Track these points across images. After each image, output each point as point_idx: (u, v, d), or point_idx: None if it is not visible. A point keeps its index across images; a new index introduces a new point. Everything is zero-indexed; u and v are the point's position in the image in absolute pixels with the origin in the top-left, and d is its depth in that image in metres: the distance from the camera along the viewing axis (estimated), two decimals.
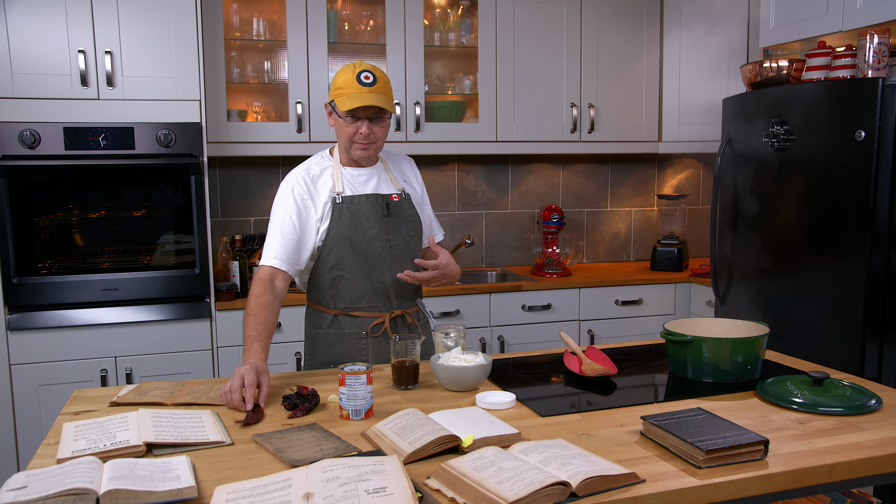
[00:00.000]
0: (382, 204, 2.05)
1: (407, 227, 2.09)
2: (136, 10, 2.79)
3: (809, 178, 2.71)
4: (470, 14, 3.57)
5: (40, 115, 2.72)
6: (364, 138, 1.97)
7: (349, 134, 1.98)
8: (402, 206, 2.09)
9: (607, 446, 1.39)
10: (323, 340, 2.09)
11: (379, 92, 1.94)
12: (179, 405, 1.66)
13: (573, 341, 1.98)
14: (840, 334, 2.59)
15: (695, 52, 3.67)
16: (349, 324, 2.06)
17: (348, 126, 1.96)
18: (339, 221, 2.01)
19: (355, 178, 2.07)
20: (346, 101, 1.92)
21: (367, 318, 2.06)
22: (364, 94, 1.91)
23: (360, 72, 1.93)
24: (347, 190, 2.04)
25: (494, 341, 3.33)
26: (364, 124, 1.95)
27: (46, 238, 2.81)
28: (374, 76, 1.93)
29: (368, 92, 1.92)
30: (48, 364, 2.80)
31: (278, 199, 2.05)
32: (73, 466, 1.20)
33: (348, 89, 1.93)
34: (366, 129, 1.95)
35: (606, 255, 4.14)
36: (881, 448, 1.37)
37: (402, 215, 2.09)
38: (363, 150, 2.00)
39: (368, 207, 2.03)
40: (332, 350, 2.07)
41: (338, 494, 1.12)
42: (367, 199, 2.04)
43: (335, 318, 2.06)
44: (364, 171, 2.08)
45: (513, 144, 3.56)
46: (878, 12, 2.64)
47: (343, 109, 1.92)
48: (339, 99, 1.94)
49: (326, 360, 2.08)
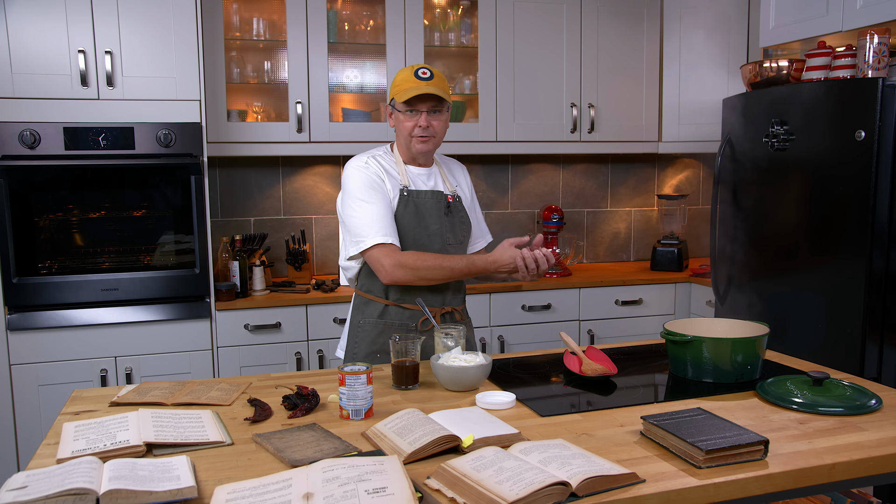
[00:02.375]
0: (444, 202, 2.10)
1: (462, 227, 2.15)
2: (136, 10, 2.79)
3: (809, 178, 2.71)
4: (470, 14, 3.57)
5: (40, 115, 2.72)
6: (423, 131, 2.02)
7: (409, 128, 2.03)
8: (457, 206, 2.14)
9: (607, 446, 1.39)
10: (372, 330, 2.10)
11: (436, 85, 2.00)
12: (179, 405, 1.66)
13: (573, 341, 1.98)
14: (840, 334, 2.59)
15: (695, 52, 3.67)
16: (400, 315, 2.08)
17: (408, 120, 2.02)
18: (405, 214, 2.04)
19: (416, 176, 2.11)
20: (404, 94, 1.99)
21: (418, 311, 2.08)
22: (422, 85, 1.98)
23: (417, 68, 2.02)
24: (411, 185, 2.09)
25: (494, 341, 3.33)
26: (423, 116, 2.01)
27: (46, 238, 2.81)
28: (431, 72, 2.02)
29: (426, 84, 1.98)
30: (48, 364, 2.80)
31: (356, 180, 2.04)
32: (73, 466, 1.20)
33: (406, 84, 2.00)
34: (424, 120, 2.01)
35: (606, 255, 4.14)
36: (881, 448, 1.37)
37: (457, 215, 2.14)
38: (423, 142, 2.04)
39: (433, 204, 2.08)
40: (381, 340, 2.09)
41: (338, 494, 1.12)
42: (431, 195, 2.09)
43: (386, 308, 2.09)
44: (423, 171, 2.13)
45: (513, 144, 3.56)
46: (878, 12, 2.64)
47: (401, 100, 1.99)
48: (397, 95, 2.01)
49: (374, 349, 2.10)
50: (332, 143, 3.28)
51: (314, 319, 3.09)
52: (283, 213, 3.60)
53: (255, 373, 2.85)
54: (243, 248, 3.22)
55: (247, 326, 3.01)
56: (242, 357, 3.01)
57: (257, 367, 3.01)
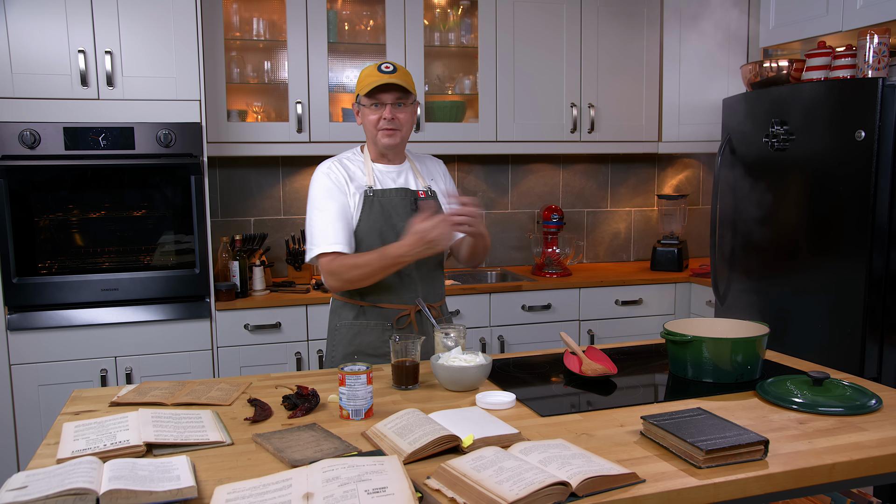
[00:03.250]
0: (411, 199, 2.09)
1: None
2: (136, 10, 2.79)
3: (809, 178, 2.71)
4: (470, 14, 3.57)
5: (40, 115, 2.72)
6: (388, 123, 2.02)
7: (373, 121, 2.03)
8: (429, 202, 2.12)
9: (607, 446, 1.39)
10: (348, 332, 2.10)
11: (399, 77, 2.01)
12: (179, 405, 1.66)
13: (573, 341, 1.98)
14: (840, 334, 2.59)
15: (695, 52, 3.67)
16: (376, 315, 2.08)
17: (372, 113, 2.03)
18: (370, 214, 2.04)
19: (384, 174, 2.11)
20: (367, 87, 1.99)
21: (392, 310, 2.08)
22: (384, 77, 1.99)
23: (381, 63, 2.03)
24: (377, 184, 2.08)
25: (494, 341, 3.33)
26: (387, 109, 2.01)
27: (46, 238, 2.81)
28: (394, 66, 2.03)
29: (389, 76, 1.99)
30: (48, 364, 2.80)
31: (316, 187, 2.06)
32: (73, 466, 1.20)
33: (370, 78, 2.01)
34: (388, 112, 2.01)
35: (606, 255, 4.14)
36: (881, 448, 1.37)
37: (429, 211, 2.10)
38: (388, 136, 2.04)
39: (398, 201, 2.07)
40: (357, 341, 2.09)
41: (338, 494, 1.12)
42: (397, 192, 2.08)
43: (361, 309, 2.09)
44: (392, 168, 2.13)
45: (513, 144, 3.56)
46: (878, 12, 2.64)
47: (364, 93, 1.99)
48: (361, 90, 2.02)
49: (351, 350, 2.10)
50: (332, 143, 3.28)
51: (314, 319, 3.09)
52: (283, 213, 3.60)
53: (255, 373, 2.85)
54: (243, 248, 3.22)
55: (247, 326, 3.01)
56: (242, 357, 3.01)
57: (257, 367, 3.01)
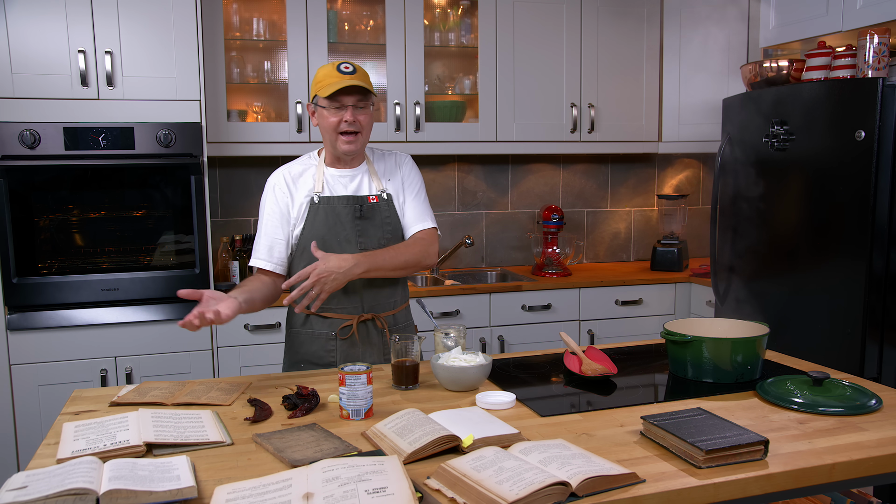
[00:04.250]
0: (356, 206, 2.04)
1: (382, 229, 2.06)
2: (136, 10, 2.79)
3: (809, 178, 2.71)
4: (470, 14, 3.57)
5: (40, 115, 2.72)
6: (349, 125, 1.95)
7: (333, 124, 1.96)
8: (378, 208, 2.06)
9: (607, 446, 1.39)
10: (295, 339, 2.10)
11: (360, 78, 1.95)
12: (179, 405, 1.66)
13: (573, 341, 1.98)
14: (840, 334, 2.59)
15: (695, 52, 3.67)
16: (320, 324, 2.06)
17: (332, 116, 1.96)
18: (314, 222, 2.01)
19: (336, 180, 2.06)
20: (327, 88, 1.92)
21: (336, 319, 2.05)
22: (345, 79, 1.92)
23: (339, 63, 1.96)
24: (326, 191, 2.04)
25: (494, 341, 3.33)
26: (348, 112, 1.94)
27: (46, 238, 2.81)
28: (353, 66, 1.96)
29: (349, 77, 1.93)
30: (48, 364, 2.80)
31: (263, 198, 2.09)
32: (73, 466, 1.20)
33: (329, 79, 1.94)
34: (350, 115, 1.94)
35: (606, 255, 4.14)
36: (881, 448, 1.37)
37: (377, 217, 2.06)
38: (349, 143, 1.98)
39: (342, 209, 2.03)
40: (303, 350, 2.08)
41: (338, 494, 1.12)
42: (342, 200, 2.03)
43: (307, 318, 2.07)
44: (347, 173, 2.07)
45: (513, 144, 3.56)
46: (878, 12, 2.64)
47: (325, 95, 1.92)
48: (320, 91, 1.95)
49: (297, 359, 2.09)
50: None
51: None
52: None
53: (255, 373, 2.85)
54: (243, 248, 3.22)
55: (247, 326, 3.01)
56: (242, 357, 3.01)
57: (257, 367, 3.01)
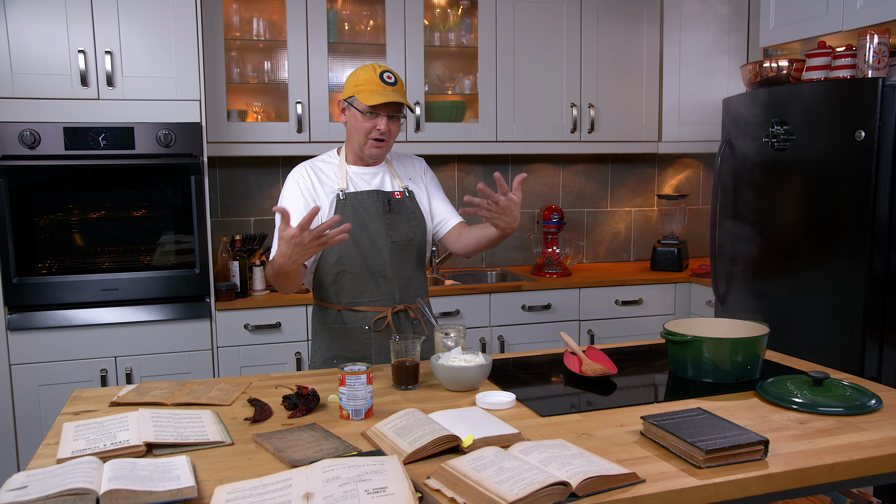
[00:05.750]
0: (384, 200, 2.07)
1: (409, 223, 2.10)
2: (136, 10, 2.79)
3: (809, 178, 2.71)
4: (470, 14, 3.57)
5: (40, 115, 2.72)
6: (381, 134, 1.99)
7: (366, 130, 2.00)
8: (404, 203, 2.11)
9: (607, 446, 1.39)
10: (327, 336, 2.10)
11: (400, 91, 1.99)
12: (179, 405, 1.66)
13: (573, 341, 1.98)
14: (840, 334, 2.59)
15: (695, 52, 3.67)
16: (353, 318, 2.07)
17: (366, 122, 1.99)
18: (343, 217, 2.02)
19: (359, 177, 2.09)
20: (369, 97, 1.95)
21: (370, 312, 2.07)
22: (388, 92, 1.96)
23: (382, 71, 1.99)
24: (350, 187, 2.07)
25: (494, 341, 3.33)
26: (383, 121, 1.98)
27: (46, 238, 2.81)
28: (395, 77, 2.00)
29: (392, 90, 1.97)
30: (48, 364, 2.80)
31: (286, 192, 2.07)
32: (73, 466, 1.20)
33: (371, 86, 1.96)
34: (384, 125, 1.98)
35: (606, 255, 4.14)
36: (881, 448, 1.37)
37: (404, 212, 2.10)
38: (377, 147, 2.02)
39: (370, 203, 2.06)
40: (337, 345, 2.08)
41: (338, 494, 1.12)
42: (370, 195, 2.07)
43: (339, 313, 2.08)
44: (368, 170, 2.11)
45: (513, 144, 3.56)
46: (878, 12, 2.64)
47: (367, 104, 1.95)
48: (360, 95, 1.97)
49: (331, 355, 2.09)
50: (332, 143, 3.28)
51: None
52: None
53: (255, 373, 2.85)
54: (243, 248, 3.22)
55: (247, 326, 3.01)
56: (242, 357, 3.01)
57: (257, 367, 3.02)
